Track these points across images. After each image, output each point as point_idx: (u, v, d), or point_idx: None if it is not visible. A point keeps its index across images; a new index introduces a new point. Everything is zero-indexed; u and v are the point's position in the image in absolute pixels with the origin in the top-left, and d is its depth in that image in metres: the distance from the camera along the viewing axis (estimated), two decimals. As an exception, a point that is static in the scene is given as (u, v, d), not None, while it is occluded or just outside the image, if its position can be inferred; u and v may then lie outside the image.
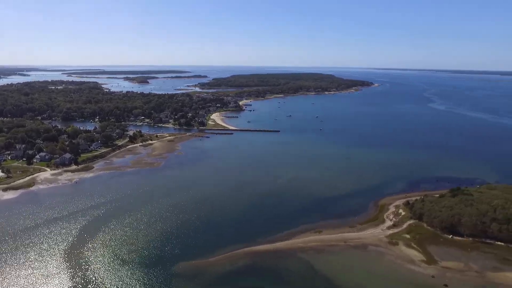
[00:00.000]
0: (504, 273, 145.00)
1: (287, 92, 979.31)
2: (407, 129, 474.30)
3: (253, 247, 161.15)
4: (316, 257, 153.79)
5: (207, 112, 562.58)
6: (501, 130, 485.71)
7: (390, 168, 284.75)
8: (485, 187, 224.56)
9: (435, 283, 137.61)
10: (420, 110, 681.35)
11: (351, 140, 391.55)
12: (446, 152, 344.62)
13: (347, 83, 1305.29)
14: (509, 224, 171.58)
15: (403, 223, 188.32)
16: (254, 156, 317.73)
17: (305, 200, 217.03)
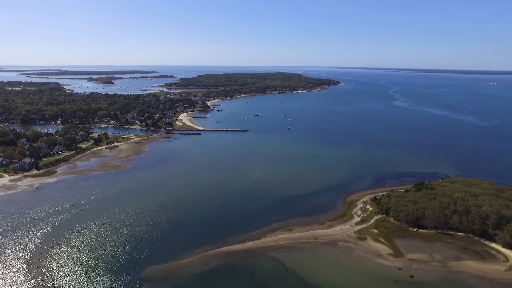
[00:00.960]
0: (464, 262, 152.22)
1: (255, 91, 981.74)
2: (372, 126, 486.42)
3: (224, 247, 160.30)
4: (287, 255, 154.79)
5: (175, 113, 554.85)
6: (459, 126, 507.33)
7: (357, 165, 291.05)
8: (447, 180, 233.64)
9: (402, 274, 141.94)
10: (384, 108, 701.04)
11: (318, 138, 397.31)
12: (410, 148, 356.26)
13: (314, 82, 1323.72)
14: (468, 215, 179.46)
15: (370, 218, 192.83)
16: (223, 156, 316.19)
17: (275, 198, 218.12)
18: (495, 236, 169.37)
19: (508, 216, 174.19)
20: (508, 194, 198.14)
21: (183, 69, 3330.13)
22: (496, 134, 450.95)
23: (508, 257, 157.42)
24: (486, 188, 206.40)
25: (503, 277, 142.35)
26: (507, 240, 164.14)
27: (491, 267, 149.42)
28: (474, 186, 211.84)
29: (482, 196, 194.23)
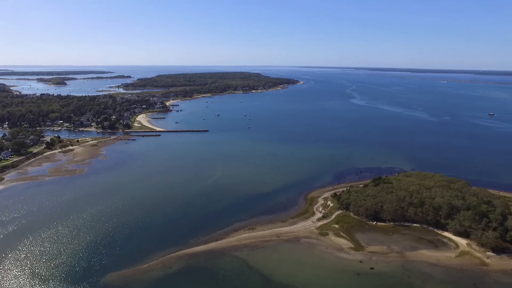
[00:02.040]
0: (420, 251, 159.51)
1: (215, 91, 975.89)
2: (331, 124, 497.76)
3: (187, 249, 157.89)
4: (251, 254, 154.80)
5: (132, 114, 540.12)
6: (413, 123, 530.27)
7: (317, 162, 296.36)
8: (403, 175, 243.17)
9: (363, 267, 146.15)
10: (343, 106, 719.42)
11: (278, 137, 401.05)
12: (367, 144, 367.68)
13: (274, 81, 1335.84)
14: (422, 207, 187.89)
15: (331, 214, 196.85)
16: (183, 157, 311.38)
17: (237, 198, 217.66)
18: (447, 225, 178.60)
19: (458, 206, 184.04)
20: (457, 185, 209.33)
21: (141, 69, 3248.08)
22: (446, 129, 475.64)
23: (458, 244, 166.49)
24: (438, 181, 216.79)
25: (454, 263, 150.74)
26: (457, 228, 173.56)
27: (444, 254, 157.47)
28: (427, 179, 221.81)
29: (434, 188, 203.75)
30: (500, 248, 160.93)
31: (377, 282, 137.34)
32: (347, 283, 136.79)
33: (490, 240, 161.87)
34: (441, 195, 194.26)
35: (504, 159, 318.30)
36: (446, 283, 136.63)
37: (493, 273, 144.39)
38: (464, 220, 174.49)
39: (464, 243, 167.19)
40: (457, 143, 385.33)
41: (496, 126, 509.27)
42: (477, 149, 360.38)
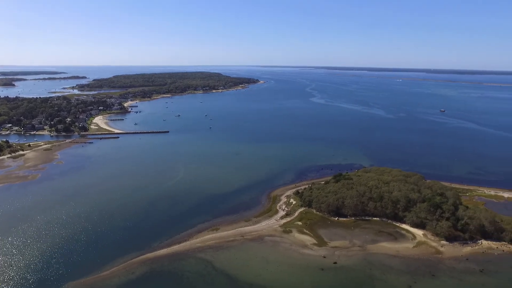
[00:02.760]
0: (380, 244, 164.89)
1: (175, 91, 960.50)
2: (292, 123, 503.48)
3: (150, 253, 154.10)
4: (215, 255, 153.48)
5: (89, 116, 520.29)
6: (371, 120, 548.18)
7: (279, 160, 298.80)
8: (362, 170, 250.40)
9: (326, 262, 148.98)
10: (303, 105, 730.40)
11: (241, 136, 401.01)
12: (327, 142, 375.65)
13: (234, 81, 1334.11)
14: (382, 201, 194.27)
15: (294, 211, 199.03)
16: (143, 159, 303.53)
17: (199, 198, 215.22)
18: (404, 218, 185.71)
19: (414, 199, 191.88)
20: (413, 179, 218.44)
21: (96, 69, 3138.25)
22: (402, 125, 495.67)
23: (415, 235, 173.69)
24: (396, 175, 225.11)
25: (412, 253, 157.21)
26: (414, 220, 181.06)
27: (402, 245, 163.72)
28: (385, 174, 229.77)
29: (392, 182, 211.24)
30: (453, 236, 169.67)
31: (340, 276, 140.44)
32: (312, 278, 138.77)
33: (444, 229, 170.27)
34: (399, 189, 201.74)
35: (454, 153, 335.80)
36: (404, 273, 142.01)
37: (446, 260, 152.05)
38: (420, 212, 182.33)
39: (420, 233, 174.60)
40: (412, 139, 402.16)
41: (447, 122, 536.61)
42: (430, 144, 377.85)
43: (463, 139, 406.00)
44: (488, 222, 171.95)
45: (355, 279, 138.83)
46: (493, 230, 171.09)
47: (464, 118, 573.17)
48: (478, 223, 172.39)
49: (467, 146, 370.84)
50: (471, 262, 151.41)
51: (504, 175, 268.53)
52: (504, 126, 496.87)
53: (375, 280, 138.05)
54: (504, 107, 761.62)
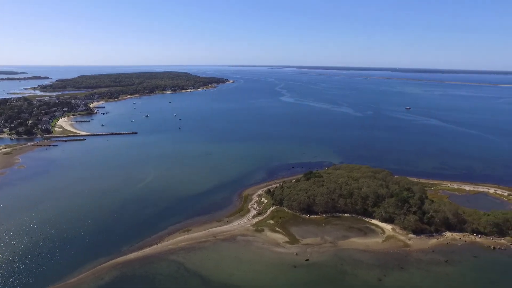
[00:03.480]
0: (351, 239, 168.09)
1: (143, 92, 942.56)
2: (262, 122, 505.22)
3: (120, 257, 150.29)
4: (188, 257, 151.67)
5: (52, 118, 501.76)
6: (340, 118, 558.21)
7: (249, 160, 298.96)
8: (332, 168, 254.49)
9: (298, 259, 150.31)
10: (272, 104, 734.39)
11: (211, 136, 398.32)
12: (298, 140, 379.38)
13: (204, 81, 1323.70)
14: (351, 197, 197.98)
15: (266, 210, 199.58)
16: (111, 162, 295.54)
17: (170, 200, 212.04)
18: (374, 213, 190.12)
19: (383, 194, 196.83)
20: (382, 175, 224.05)
21: (59, 69, 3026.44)
22: (370, 123, 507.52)
23: (384, 229, 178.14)
24: (365, 172, 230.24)
25: (381, 247, 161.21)
26: (383, 215, 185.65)
27: (372, 240, 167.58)
28: (355, 171, 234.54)
29: (361, 179, 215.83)
30: (420, 229, 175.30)
31: (312, 272, 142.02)
32: (285, 276, 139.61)
33: (411, 223, 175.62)
34: (368, 185, 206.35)
35: (420, 149, 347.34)
36: (375, 267, 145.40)
37: (414, 253, 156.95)
38: (389, 207, 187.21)
39: (389, 228, 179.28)
40: (380, 136, 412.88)
41: (412, 119, 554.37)
42: (397, 140, 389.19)
43: (428, 135, 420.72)
44: (452, 215, 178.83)
45: (327, 274, 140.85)
46: (457, 222, 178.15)
47: (428, 115, 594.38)
48: (442, 216, 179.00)
49: (431, 142, 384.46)
50: (437, 253, 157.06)
51: (465, 169, 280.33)
52: (464, 122, 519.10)
53: (347, 275, 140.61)
54: (463, 104, 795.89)
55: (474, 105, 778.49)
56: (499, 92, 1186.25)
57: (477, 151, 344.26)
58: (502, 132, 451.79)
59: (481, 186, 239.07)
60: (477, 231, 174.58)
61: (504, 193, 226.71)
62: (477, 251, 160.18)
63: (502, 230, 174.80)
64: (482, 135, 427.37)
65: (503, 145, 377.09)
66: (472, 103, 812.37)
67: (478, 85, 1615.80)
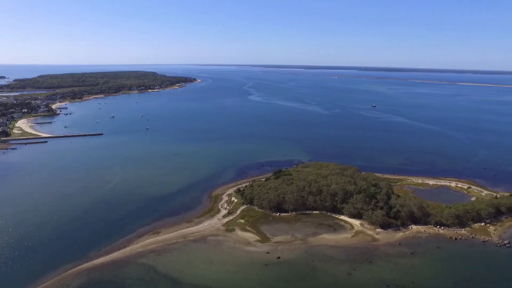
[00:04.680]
0: (321, 236, 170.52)
1: (108, 92, 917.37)
2: (231, 121, 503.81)
3: (87, 263, 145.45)
4: (158, 259, 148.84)
5: (10, 120, 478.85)
6: (308, 116, 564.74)
7: (219, 159, 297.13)
8: (301, 166, 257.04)
9: (270, 257, 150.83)
10: (241, 103, 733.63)
11: (179, 136, 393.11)
12: (267, 139, 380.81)
13: (171, 80, 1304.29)
14: (321, 194, 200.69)
15: (236, 209, 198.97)
16: (76, 164, 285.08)
17: (139, 202, 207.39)
18: (342, 209, 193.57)
19: (351, 191, 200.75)
20: (350, 172, 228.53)
21: (17, 68, 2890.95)
22: (337, 121, 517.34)
23: (353, 225, 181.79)
24: (333, 169, 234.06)
25: (350, 243, 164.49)
26: (352, 211, 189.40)
27: (341, 236, 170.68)
28: (323, 168, 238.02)
29: (330, 176, 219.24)
30: (387, 224, 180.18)
31: (284, 270, 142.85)
32: (256, 274, 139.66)
33: (379, 218, 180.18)
34: (336, 182, 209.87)
35: (386, 146, 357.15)
36: (345, 261, 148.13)
37: (382, 247, 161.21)
38: (357, 203, 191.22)
39: (358, 223, 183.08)
40: (347, 133, 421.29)
41: (378, 116, 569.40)
42: (364, 137, 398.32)
43: (393, 132, 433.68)
44: (417, 209, 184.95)
45: (299, 271, 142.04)
46: (421, 215, 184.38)
47: (393, 112, 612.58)
48: (408, 210, 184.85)
49: (396, 138, 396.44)
50: (403, 246, 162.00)
51: (428, 164, 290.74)
52: (426, 119, 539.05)
53: (317, 271, 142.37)
54: (425, 101, 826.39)
55: (435, 102, 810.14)
56: (458, 90, 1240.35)
57: (439, 146, 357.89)
58: (461, 128, 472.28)
59: (443, 180, 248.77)
60: (440, 223, 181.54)
61: (464, 186, 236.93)
62: (440, 242, 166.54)
63: (462, 222, 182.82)
64: (443, 131, 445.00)
65: (462, 140, 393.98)
66: (433, 101, 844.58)
67: (439, 83, 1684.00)
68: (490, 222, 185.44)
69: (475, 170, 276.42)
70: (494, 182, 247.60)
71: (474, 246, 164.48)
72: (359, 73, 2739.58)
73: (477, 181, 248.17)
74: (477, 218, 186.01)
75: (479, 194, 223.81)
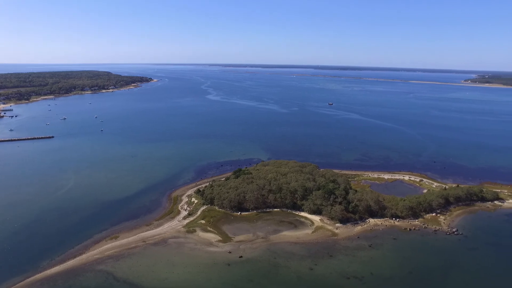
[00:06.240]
0: (282, 233, 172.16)
1: (58, 92, 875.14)
2: (189, 121, 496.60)
3: (38, 274, 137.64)
4: (116, 265, 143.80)
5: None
6: (266, 115, 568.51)
7: (178, 160, 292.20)
8: (260, 164, 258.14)
9: (232, 257, 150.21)
10: (199, 103, 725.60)
11: (136, 137, 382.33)
12: (225, 138, 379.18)
13: (126, 80, 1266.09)
14: (281, 192, 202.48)
15: (197, 210, 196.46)
16: (24, 169, 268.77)
17: (95, 207, 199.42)
18: (302, 206, 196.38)
19: (310, 187, 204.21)
20: (308, 169, 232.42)
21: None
22: (295, 119, 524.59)
23: (313, 221, 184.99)
24: (292, 166, 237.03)
25: (311, 238, 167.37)
26: (311, 207, 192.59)
27: (302, 232, 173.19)
28: (283, 166, 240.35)
29: (289, 173, 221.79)
30: (345, 218, 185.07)
31: (246, 268, 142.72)
32: (219, 275, 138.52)
33: (337, 213, 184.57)
34: (296, 179, 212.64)
35: (343, 142, 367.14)
36: (306, 257, 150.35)
37: (341, 241, 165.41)
38: (316, 199, 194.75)
39: (317, 219, 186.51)
40: (305, 131, 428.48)
41: (334, 114, 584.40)
42: (322, 135, 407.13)
43: (349, 129, 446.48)
44: (374, 202, 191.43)
45: (261, 269, 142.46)
46: (378, 209, 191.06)
47: (349, 110, 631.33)
48: (365, 204, 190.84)
49: (352, 135, 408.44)
50: (362, 239, 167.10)
51: (383, 159, 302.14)
52: (380, 116, 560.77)
53: (280, 267, 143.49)
54: (380, 99, 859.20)
55: (389, 100, 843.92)
56: (409, 88, 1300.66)
57: (393, 142, 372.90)
58: (412, 124, 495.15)
59: (398, 174, 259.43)
60: (396, 216, 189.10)
61: (417, 179, 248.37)
62: (396, 233, 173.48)
63: (416, 213, 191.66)
64: (396, 127, 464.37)
65: (414, 135, 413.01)
66: (386, 98, 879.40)
67: (392, 81, 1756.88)
68: (440, 212, 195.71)
69: (426, 164, 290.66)
70: (443, 174, 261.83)
71: (427, 235, 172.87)
72: (316, 72, 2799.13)
73: (428, 174, 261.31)
74: (428, 209, 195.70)
75: (430, 186, 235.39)
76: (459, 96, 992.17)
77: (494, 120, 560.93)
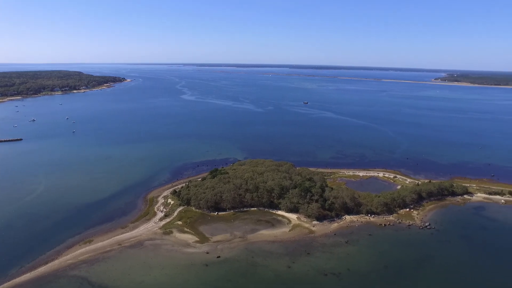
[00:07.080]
0: (259, 232, 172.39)
1: (26, 93, 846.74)
2: (163, 121, 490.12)
3: (7, 283, 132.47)
4: (91, 269, 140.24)
5: None
6: (242, 114, 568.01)
7: (153, 161, 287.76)
8: (237, 164, 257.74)
9: (210, 257, 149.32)
10: (173, 103, 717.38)
11: (109, 139, 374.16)
12: (201, 138, 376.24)
13: (98, 80, 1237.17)
14: (257, 191, 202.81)
15: (173, 211, 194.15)
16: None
17: (67, 210, 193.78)
18: (279, 205, 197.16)
19: (287, 186, 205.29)
20: (285, 168, 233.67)
21: None
22: (271, 118, 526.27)
23: (290, 219, 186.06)
24: (269, 165, 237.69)
25: (289, 237, 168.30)
26: (288, 206, 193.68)
27: (280, 230, 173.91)
28: (259, 165, 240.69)
29: (266, 172, 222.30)
30: (322, 216, 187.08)
31: (224, 268, 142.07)
32: (197, 276, 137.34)
33: (314, 211, 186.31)
34: (272, 178, 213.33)
35: (318, 141, 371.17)
36: (283, 255, 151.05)
37: (318, 238, 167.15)
38: (293, 197, 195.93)
39: (295, 217, 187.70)
40: (281, 130, 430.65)
41: (310, 112, 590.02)
42: (297, 133, 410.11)
43: (324, 128, 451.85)
44: (349, 199, 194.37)
45: (239, 269, 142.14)
46: (354, 206, 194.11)
47: (323, 108, 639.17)
48: (341, 201, 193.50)
49: (328, 133, 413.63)
50: (338, 236, 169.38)
51: (358, 157, 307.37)
52: (354, 114, 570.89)
53: (258, 266, 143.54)
54: (354, 97, 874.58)
55: (363, 98, 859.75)
56: (382, 86, 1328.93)
57: (367, 140, 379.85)
58: (385, 121, 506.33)
59: (372, 171, 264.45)
60: (371, 212, 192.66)
61: (391, 176, 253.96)
62: (371, 229, 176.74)
63: (390, 209, 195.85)
64: (370, 125, 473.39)
65: (387, 133, 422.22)
66: (360, 97, 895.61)
67: (365, 80, 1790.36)
68: (413, 207, 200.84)
69: (399, 160, 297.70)
70: (416, 171, 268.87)
71: (401, 230, 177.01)
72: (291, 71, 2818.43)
73: (401, 171, 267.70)
74: (402, 205, 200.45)
75: (403, 182, 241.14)
76: (429, 94, 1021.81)
77: (462, 117, 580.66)
